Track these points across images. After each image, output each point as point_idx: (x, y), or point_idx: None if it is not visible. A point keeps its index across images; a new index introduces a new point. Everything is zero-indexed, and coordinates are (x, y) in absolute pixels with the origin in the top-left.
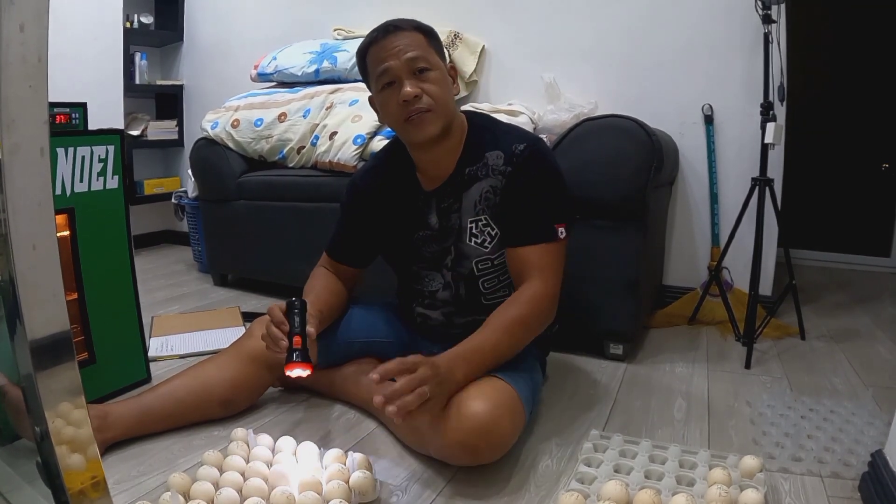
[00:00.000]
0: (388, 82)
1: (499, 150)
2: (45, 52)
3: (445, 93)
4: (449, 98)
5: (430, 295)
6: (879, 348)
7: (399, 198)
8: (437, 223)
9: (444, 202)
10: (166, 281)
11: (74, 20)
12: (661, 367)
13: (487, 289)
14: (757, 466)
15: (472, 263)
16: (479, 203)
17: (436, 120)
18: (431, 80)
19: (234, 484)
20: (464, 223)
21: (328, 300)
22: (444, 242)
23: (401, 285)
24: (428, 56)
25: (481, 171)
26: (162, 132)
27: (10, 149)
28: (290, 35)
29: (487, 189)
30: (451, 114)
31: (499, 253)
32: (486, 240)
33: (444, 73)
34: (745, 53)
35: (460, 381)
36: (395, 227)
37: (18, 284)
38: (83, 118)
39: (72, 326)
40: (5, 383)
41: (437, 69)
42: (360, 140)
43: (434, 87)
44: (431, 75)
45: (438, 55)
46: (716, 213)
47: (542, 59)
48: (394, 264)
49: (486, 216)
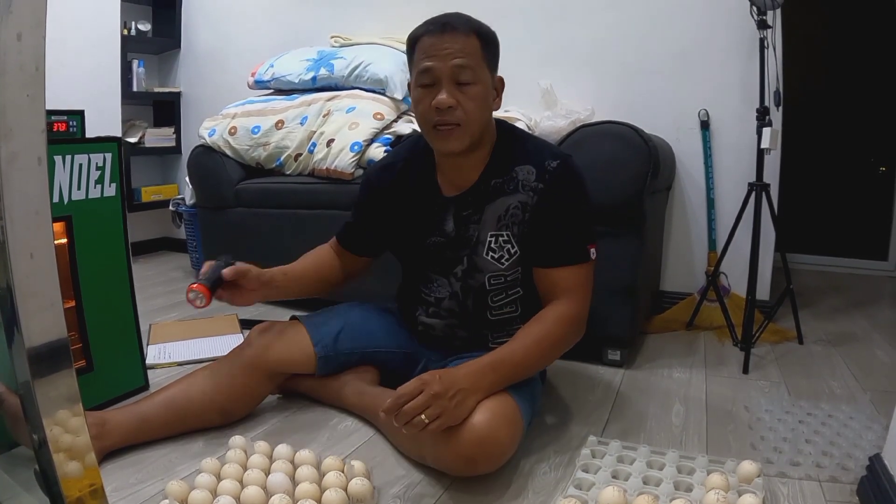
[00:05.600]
0: (428, 82)
1: (530, 165)
2: (43, 61)
3: (482, 110)
4: (483, 116)
5: (436, 303)
6: (877, 352)
7: (415, 199)
8: (453, 231)
9: (464, 210)
10: (164, 288)
11: (72, 28)
12: (658, 373)
13: (495, 303)
14: (755, 471)
15: (485, 278)
16: (504, 218)
17: (462, 136)
18: (471, 96)
19: (233, 492)
20: (482, 236)
21: (299, 266)
22: (458, 251)
23: (405, 286)
24: (476, 68)
25: (509, 184)
26: (159, 139)
27: (8, 157)
28: (288, 42)
29: (515, 205)
30: (481, 130)
31: (513, 270)
32: (505, 256)
33: (486, 89)
34: (741, 59)
35: (486, 389)
36: (407, 229)
37: (16, 292)
38: (81, 126)
39: (69, 334)
40: (3, 391)
41: (480, 83)
42: (358, 147)
43: (471, 103)
44: (473, 90)
45: (489, 66)
46: (713, 218)
47: (538, 66)
48: (403, 263)
49: (508, 232)
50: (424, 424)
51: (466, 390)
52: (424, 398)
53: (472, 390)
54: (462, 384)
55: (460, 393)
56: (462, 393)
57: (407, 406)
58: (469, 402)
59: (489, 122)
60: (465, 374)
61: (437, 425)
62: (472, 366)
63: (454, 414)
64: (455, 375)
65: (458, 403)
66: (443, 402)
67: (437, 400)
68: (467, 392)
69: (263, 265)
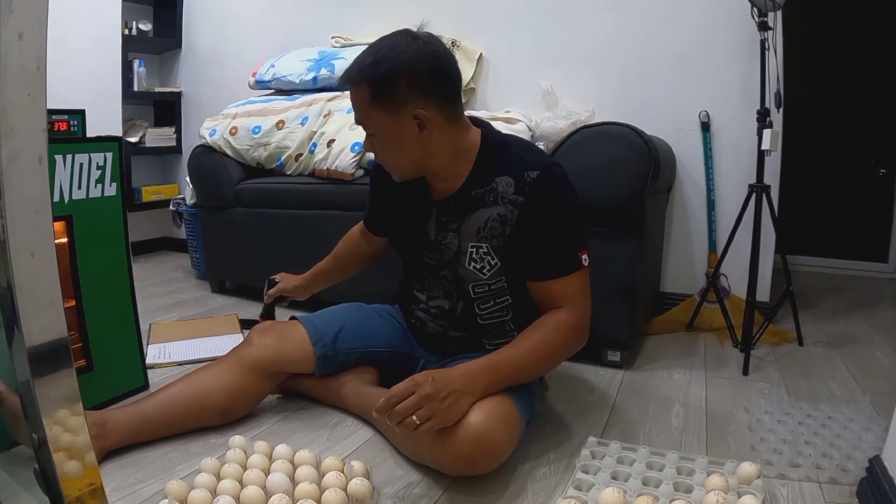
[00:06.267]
0: None
1: (508, 177)
2: (44, 61)
3: (396, 153)
4: (403, 156)
5: (427, 301)
6: (877, 353)
7: (409, 197)
8: (433, 234)
9: (444, 216)
10: (164, 288)
11: (73, 28)
12: (658, 374)
13: (483, 310)
14: (755, 473)
15: (469, 286)
16: (483, 230)
17: (397, 173)
18: (378, 144)
19: (232, 492)
20: (464, 246)
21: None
22: (441, 256)
23: (404, 280)
24: (368, 122)
25: (489, 196)
26: (160, 139)
27: (9, 156)
28: (289, 42)
29: (494, 217)
30: (416, 165)
31: (497, 280)
32: (486, 267)
33: (389, 133)
34: (742, 60)
35: (480, 392)
36: (401, 224)
37: (16, 291)
38: (81, 125)
39: (69, 333)
40: (3, 390)
41: (380, 133)
42: (358, 147)
43: (381, 150)
44: (376, 140)
45: (387, 110)
46: (713, 219)
47: (539, 67)
48: (400, 257)
49: (487, 245)
50: (416, 425)
51: (460, 391)
52: (416, 399)
53: (466, 392)
54: (456, 385)
55: (453, 394)
56: (455, 394)
57: (398, 406)
58: (462, 403)
59: (434, 148)
60: (459, 376)
61: (428, 426)
62: (468, 367)
63: (446, 415)
64: (449, 376)
65: (450, 405)
66: (434, 403)
67: (429, 401)
68: (460, 393)
69: (267, 266)
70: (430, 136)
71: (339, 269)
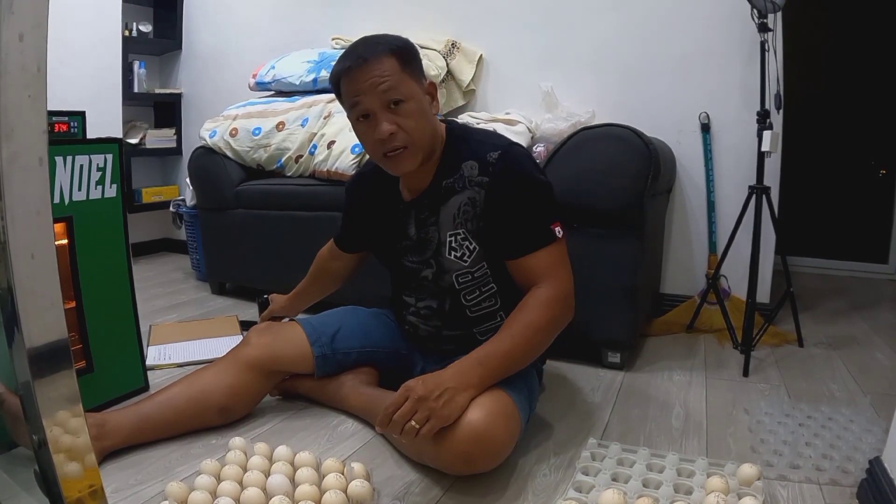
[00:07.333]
0: (362, 115)
1: (473, 161)
2: (45, 62)
3: (423, 123)
4: (427, 128)
5: (416, 304)
6: (877, 355)
7: (383, 207)
8: (415, 234)
9: (421, 213)
10: (164, 289)
11: (73, 29)
12: (658, 376)
13: (470, 301)
14: (755, 474)
15: (452, 277)
16: (458, 217)
17: (413, 155)
18: (406, 114)
19: (232, 493)
20: (443, 237)
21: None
22: (424, 254)
23: (392, 290)
24: (401, 86)
25: (458, 183)
26: (160, 140)
27: (9, 158)
28: (289, 44)
29: (465, 201)
30: (430, 143)
31: (478, 266)
32: (465, 254)
33: (420, 101)
34: (742, 62)
35: (477, 385)
36: (381, 235)
37: (17, 293)
38: (82, 126)
39: (70, 335)
40: (3, 391)
41: (412, 99)
42: (358, 149)
43: (410, 121)
44: (406, 107)
45: (414, 77)
46: (713, 220)
47: (539, 68)
48: (386, 268)
49: (464, 230)
50: (416, 430)
51: (454, 388)
52: (410, 404)
53: (461, 388)
54: (448, 383)
55: (447, 392)
56: (449, 391)
57: (395, 415)
58: (459, 399)
59: (435, 128)
60: (451, 374)
61: (428, 428)
62: (458, 364)
63: (443, 414)
64: (441, 376)
65: (445, 403)
66: (428, 403)
67: (423, 403)
68: (455, 390)
69: (267, 267)
70: (434, 110)
71: (317, 287)
